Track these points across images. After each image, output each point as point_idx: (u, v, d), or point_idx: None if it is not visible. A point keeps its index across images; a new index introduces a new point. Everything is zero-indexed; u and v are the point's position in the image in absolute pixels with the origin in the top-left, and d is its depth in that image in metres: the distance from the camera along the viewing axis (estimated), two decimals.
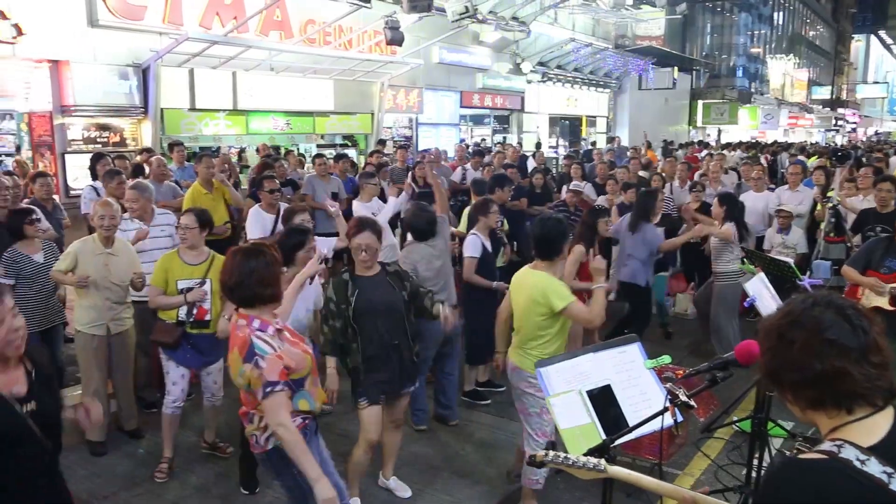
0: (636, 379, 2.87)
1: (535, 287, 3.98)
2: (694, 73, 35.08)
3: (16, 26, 10.26)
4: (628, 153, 16.06)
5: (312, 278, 4.18)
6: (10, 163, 10.29)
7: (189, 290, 4.70)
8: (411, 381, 4.29)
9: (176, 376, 4.77)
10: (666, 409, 2.27)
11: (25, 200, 6.59)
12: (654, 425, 2.42)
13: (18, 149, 10.26)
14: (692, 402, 2.29)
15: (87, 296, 4.94)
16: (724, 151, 19.64)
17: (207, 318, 4.77)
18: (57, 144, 11.18)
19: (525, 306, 4.03)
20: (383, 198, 8.29)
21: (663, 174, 10.08)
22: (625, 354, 2.91)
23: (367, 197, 7.37)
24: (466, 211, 7.39)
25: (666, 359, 2.69)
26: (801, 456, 1.52)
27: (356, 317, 3.97)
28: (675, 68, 28.81)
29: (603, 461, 2.15)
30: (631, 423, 2.61)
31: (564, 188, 9.62)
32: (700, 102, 35.51)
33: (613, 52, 25.83)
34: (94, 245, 4.97)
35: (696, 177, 10.34)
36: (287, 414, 2.90)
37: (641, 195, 7.20)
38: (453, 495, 4.57)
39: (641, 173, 10.76)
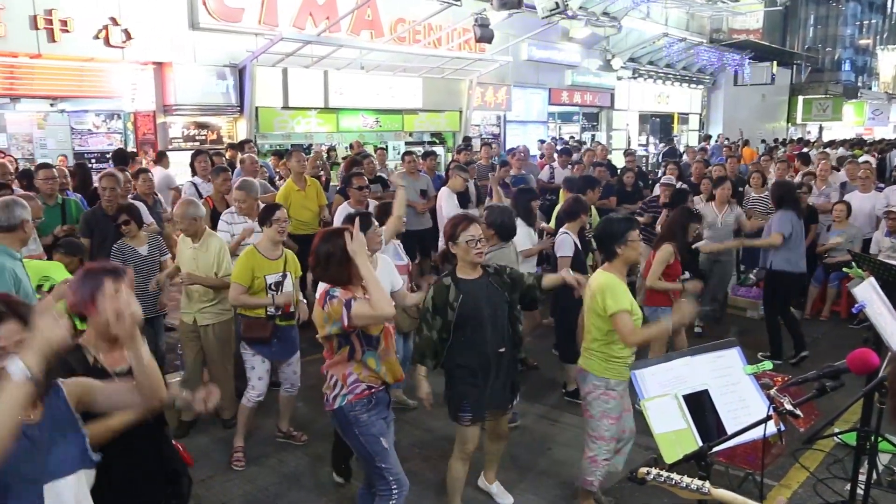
0: (735, 385, 2.76)
1: (597, 287, 3.91)
2: (794, 67, 33.55)
3: (125, 31, 10.84)
4: (724, 151, 15.52)
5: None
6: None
7: (277, 283, 4.82)
8: (515, 392, 4.05)
9: (262, 371, 4.89)
10: (769, 418, 2.17)
11: (129, 196, 6.91)
12: (755, 434, 2.32)
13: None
14: (798, 412, 2.18)
15: (184, 287, 5.24)
16: (827, 150, 18.67)
17: (292, 310, 4.91)
18: (159, 142, 11.74)
19: (588, 306, 3.99)
20: (467, 194, 8.33)
21: (763, 172, 9.65)
22: (723, 359, 2.81)
23: (455, 187, 7.46)
24: (558, 210, 7.32)
25: (767, 365, 2.59)
26: None
27: (459, 323, 3.74)
28: (774, 63, 27.63)
29: (707, 484, 2.10)
30: (729, 430, 2.51)
31: (657, 187, 9.38)
32: (800, 98, 33.90)
33: (708, 47, 25.00)
34: (187, 240, 5.22)
35: (799, 176, 9.88)
36: (367, 306, 3.21)
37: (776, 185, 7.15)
38: (539, 494, 4.53)
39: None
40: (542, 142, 15.41)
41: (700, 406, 2.69)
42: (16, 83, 10.19)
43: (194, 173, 8.24)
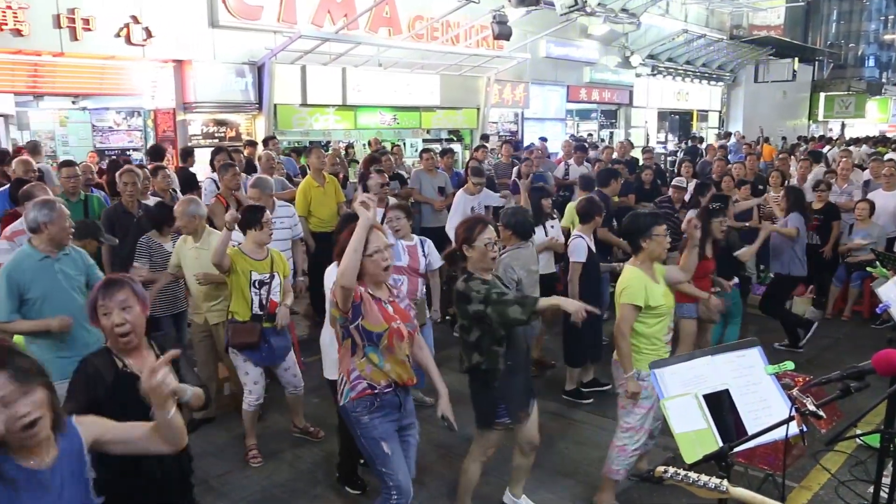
0: (756, 385, 2.73)
1: (620, 280, 4.09)
2: (816, 63, 33.12)
3: (146, 30, 10.93)
4: (743, 148, 15.38)
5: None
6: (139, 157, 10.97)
7: (262, 282, 4.75)
8: (533, 393, 4.03)
9: (256, 375, 4.82)
10: (792, 418, 2.15)
11: (148, 193, 6.96)
12: (776, 434, 2.29)
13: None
14: (821, 413, 2.16)
15: (191, 286, 5.26)
16: (851, 147, 18.44)
17: (277, 310, 4.83)
18: (179, 139, 11.82)
19: (616, 299, 4.11)
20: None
21: (782, 170, 9.56)
22: (744, 358, 2.78)
23: (471, 191, 7.42)
24: (570, 206, 7.30)
25: (788, 365, 2.56)
26: None
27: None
28: (796, 59, 27.30)
29: (725, 482, 2.07)
30: (750, 431, 2.49)
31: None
32: (822, 95, 33.47)
33: (728, 44, 24.77)
34: (188, 239, 5.22)
35: (812, 175, 9.77)
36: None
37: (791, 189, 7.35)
38: (556, 493, 4.52)
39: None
40: (544, 139, 15.32)
41: (719, 406, 2.67)
42: (39, 81, 10.30)
43: (214, 170, 8.29)
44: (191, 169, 9.47)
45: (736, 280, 6.35)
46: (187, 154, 9.90)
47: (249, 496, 4.50)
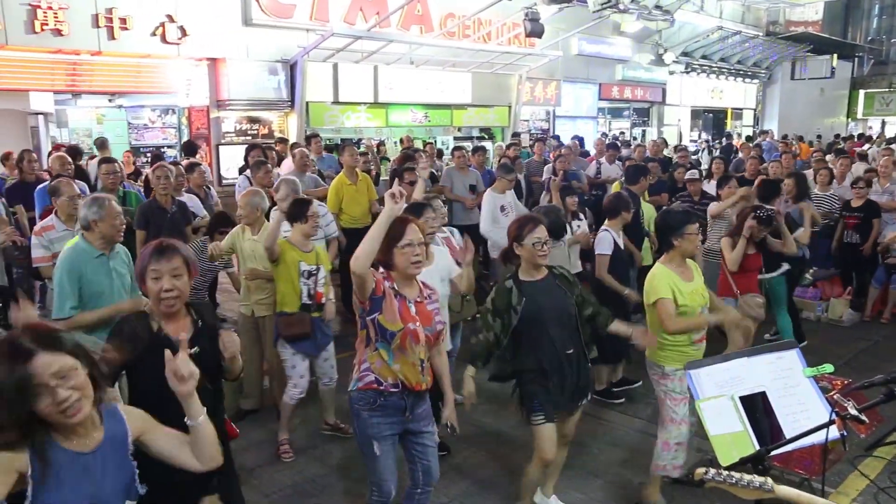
0: (794, 387, 2.68)
1: (648, 278, 4.08)
2: (855, 59, 32.36)
3: (181, 28, 11.09)
4: (779, 147, 15.11)
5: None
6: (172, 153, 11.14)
7: (310, 273, 4.82)
8: (585, 393, 3.95)
9: (302, 368, 4.88)
10: (832, 422, 2.10)
11: (183, 189, 7.06)
12: (815, 438, 2.25)
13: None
14: (863, 417, 2.10)
15: (243, 280, 5.34)
16: (893, 146, 18.01)
17: (324, 300, 4.92)
18: (212, 136, 11.98)
19: (645, 295, 4.11)
20: (519, 190, 8.28)
21: (830, 169, 9.32)
22: (782, 360, 2.73)
23: (502, 188, 7.37)
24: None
25: (828, 367, 2.50)
26: None
27: (525, 326, 3.69)
28: (834, 55, 26.73)
29: (769, 480, 2.03)
30: (788, 434, 2.44)
31: (707, 182, 9.20)
32: (861, 92, 32.68)
33: (764, 40, 24.36)
34: (247, 230, 5.29)
35: (847, 175, 9.53)
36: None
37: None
38: (586, 493, 4.49)
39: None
40: (604, 135, 15.19)
41: (754, 408, 2.62)
42: (77, 79, 10.51)
43: (247, 167, 8.37)
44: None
45: (785, 266, 6.37)
46: (75, 152, 9.86)
47: (280, 490, 4.54)
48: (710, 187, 8.47)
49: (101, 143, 9.93)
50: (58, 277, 3.91)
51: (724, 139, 21.86)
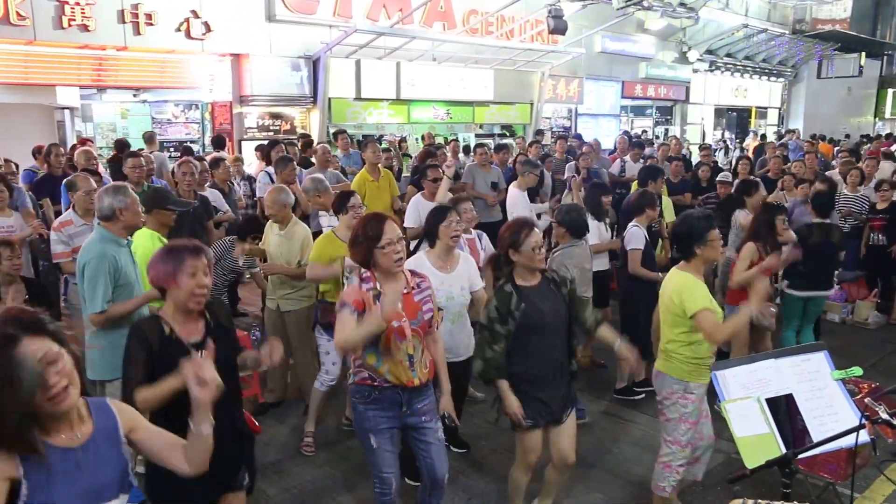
0: (821, 390, 2.64)
1: (673, 288, 3.79)
2: (885, 58, 31.85)
3: (205, 24, 11.17)
4: (804, 146, 14.91)
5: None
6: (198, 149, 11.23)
7: (352, 267, 4.83)
8: (573, 401, 3.83)
9: (336, 356, 4.89)
10: (863, 426, 2.06)
11: (206, 184, 7.10)
12: (844, 442, 2.21)
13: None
14: (895, 422, 2.06)
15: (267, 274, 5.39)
16: None
17: None
18: (235, 132, 12.05)
19: (664, 307, 3.84)
20: (533, 190, 8.22)
21: (861, 168, 9.17)
22: (809, 363, 2.69)
23: (524, 184, 7.34)
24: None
25: (856, 370, 2.46)
26: None
27: (520, 332, 3.55)
28: (863, 53, 26.32)
29: None
30: (815, 437, 2.41)
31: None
32: (890, 91, 32.16)
33: (790, 38, 24.05)
34: (274, 226, 5.34)
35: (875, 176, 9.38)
36: (342, 332, 3.07)
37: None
38: (606, 493, 4.46)
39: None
40: (625, 133, 15.09)
41: (776, 410, 2.58)
42: (103, 74, 10.62)
43: (269, 162, 8.41)
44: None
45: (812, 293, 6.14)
46: (123, 146, 9.90)
47: (300, 485, 4.55)
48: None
49: (150, 138, 10.28)
50: (90, 272, 3.80)
51: (731, 138, 21.62)
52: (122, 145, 9.66)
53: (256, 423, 3.71)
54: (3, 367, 1.75)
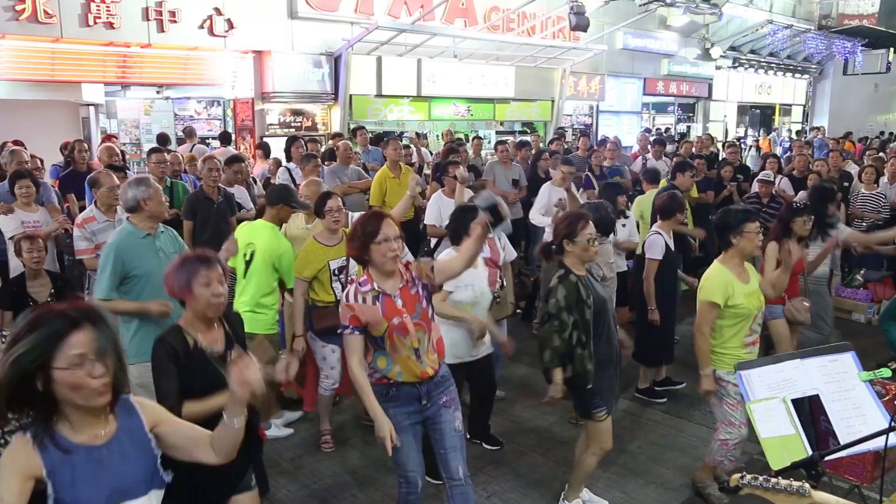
0: (849, 391, 2.60)
1: (705, 276, 4.07)
2: None
3: (228, 21, 11.24)
4: (830, 143, 14.70)
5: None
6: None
7: (341, 268, 4.74)
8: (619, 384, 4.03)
9: (333, 360, 4.84)
10: (892, 429, 2.03)
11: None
12: (872, 445, 2.18)
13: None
14: None
15: None
16: None
17: None
18: (256, 128, 12.12)
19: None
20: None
21: (875, 166, 9.05)
22: (836, 363, 2.65)
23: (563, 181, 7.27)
24: (637, 200, 7.10)
25: (885, 372, 2.42)
26: None
27: (595, 321, 3.73)
28: (891, 49, 25.88)
29: (806, 485, 1.98)
30: (842, 439, 2.37)
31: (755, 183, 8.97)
32: None
33: (816, 34, 23.72)
34: (301, 219, 5.43)
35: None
36: (353, 355, 3.20)
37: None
38: (627, 492, 4.43)
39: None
40: (647, 131, 14.94)
41: (800, 411, 2.55)
42: (127, 71, 10.72)
43: (289, 159, 8.44)
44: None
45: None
46: (164, 141, 10.07)
47: (321, 480, 4.57)
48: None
49: (190, 132, 10.77)
50: (102, 260, 3.93)
51: (744, 136, 21.36)
52: (163, 140, 10.04)
53: (264, 432, 3.73)
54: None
